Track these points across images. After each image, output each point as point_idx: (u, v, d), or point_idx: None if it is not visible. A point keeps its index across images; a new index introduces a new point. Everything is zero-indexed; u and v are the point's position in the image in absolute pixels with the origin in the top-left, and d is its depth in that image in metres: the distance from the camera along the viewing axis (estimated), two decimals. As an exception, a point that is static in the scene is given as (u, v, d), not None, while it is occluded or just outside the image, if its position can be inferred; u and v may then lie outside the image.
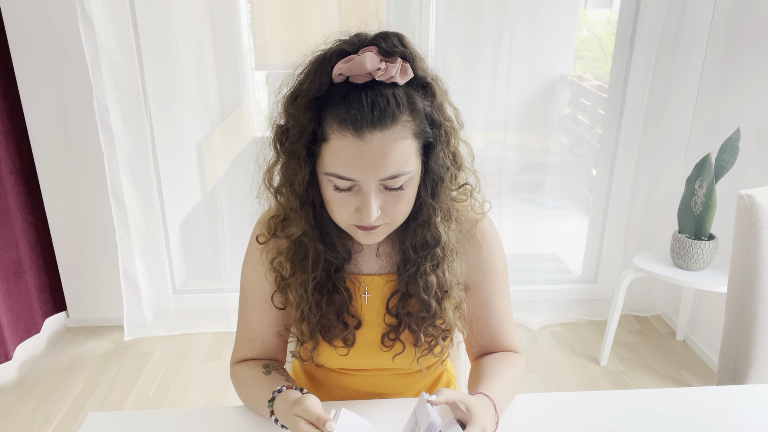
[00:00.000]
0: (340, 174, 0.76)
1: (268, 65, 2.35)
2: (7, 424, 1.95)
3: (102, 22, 2.08)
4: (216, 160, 2.44)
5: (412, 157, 0.78)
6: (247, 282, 0.98)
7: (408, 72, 0.76)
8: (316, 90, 0.76)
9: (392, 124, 0.74)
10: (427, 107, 0.79)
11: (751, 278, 1.16)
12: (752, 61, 2.04)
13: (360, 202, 0.79)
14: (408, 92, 0.77)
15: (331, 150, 0.76)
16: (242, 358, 1.00)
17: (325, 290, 0.90)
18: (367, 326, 0.94)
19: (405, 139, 0.76)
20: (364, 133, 0.73)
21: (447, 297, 0.91)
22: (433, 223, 0.87)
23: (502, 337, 0.98)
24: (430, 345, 0.92)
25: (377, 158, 0.74)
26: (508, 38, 2.23)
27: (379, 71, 0.74)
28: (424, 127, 0.79)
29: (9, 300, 2.18)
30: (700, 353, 2.34)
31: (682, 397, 0.94)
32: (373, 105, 0.73)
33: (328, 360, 0.96)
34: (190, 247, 2.64)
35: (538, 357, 2.33)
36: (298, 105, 0.78)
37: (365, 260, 0.95)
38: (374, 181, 0.77)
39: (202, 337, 2.48)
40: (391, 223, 0.83)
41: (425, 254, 0.88)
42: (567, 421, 0.89)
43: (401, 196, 0.80)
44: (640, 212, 2.48)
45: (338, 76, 0.75)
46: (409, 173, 0.78)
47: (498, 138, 2.38)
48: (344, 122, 0.74)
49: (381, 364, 0.95)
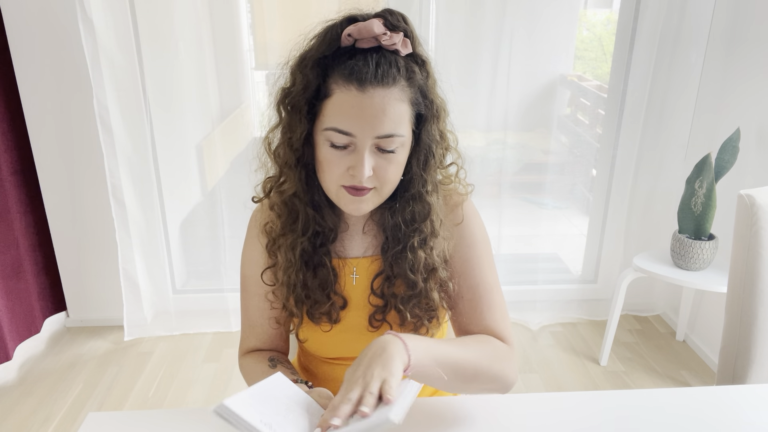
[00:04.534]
0: (340, 127, 0.80)
1: (268, 65, 2.35)
2: (7, 424, 1.95)
3: (102, 22, 2.08)
4: (216, 160, 2.44)
5: (406, 122, 0.83)
6: (244, 269, 1.01)
7: (408, 46, 0.83)
8: (325, 50, 0.82)
9: (393, 85, 0.80)
10: (422, 81, 0.84)
11: (751, 278, 1.16)
12: (752, 61, 2.04)
13: (354, 160, 0.81)
14: (407, 62, 0.83)
15: (334, 104, 0.80)
16: (248, 348, 1.03)
17: (311, 264, 0.93)
18: (354, 308, 0.96)
19: (402, 102, 0.81)
20: (367, 88, 0.78)
21: (433, 276, 0.92)
22: (424, 195, 0.89)
23: (482, 314, 0.93)
24: (416, 326, 0.93)
25: (377, 113, 0.79)
26: (508, 38, 2.23)
27: (384, 36, 0.80)
28: (419, 97, 0.84)
29: (9, 300, 2.18)
30: (700, 353, 2.34)
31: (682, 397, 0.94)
32: (377, 64, 0.79)
33: (312, 336, 0.97)
34: (190, 247, 2.64)
35: (538, 357, 2.33)
36: (305, 64, 0.83)
37: (351, 242, 0.97)
38: (371, 137, 0.80)
39: (202, 337, 2.48)
40: (379, 189, 0.85)
41: (414, 228, 0.90)
42: (567, 421, 0.89)
43: (393, 160, 0.83)
44: (640, 212, 2.48)
45: (346, 38, 0.81)
46: (403, 137, 0.82)
47: (498, 138, 2.38)
48: (350, 76, 0.79)
49: None
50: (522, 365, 2.28)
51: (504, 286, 1.09)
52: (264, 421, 0.68)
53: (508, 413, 0.90)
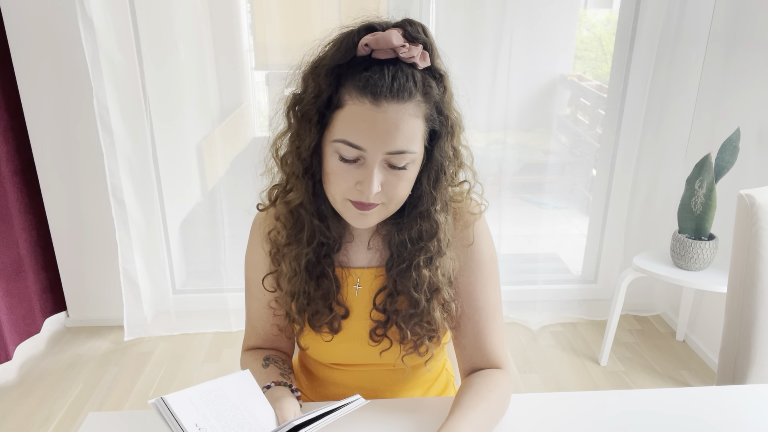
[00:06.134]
0: (351, 141, 0.78)
1: (268, 65, 2.35)
2: (7, 424, 1.95)
3: (102, 22, 2.08)
4: (216, 160, 2.44)
5: (419, 139, 0.80)
6: (247, 271, 1.01)
7: (426, 59, 0.80)
8: (340, 58, 0.79)
9: (408, 100, 0.77)
10: (438, 96, 0.82)
11: (751, 278, 1.16)
12: (752, 61, 2.04)
13: (363, 175, 0.79)
14: (424, 76, 0.80)
15: (346, 116, 0.78)
16: (249, 345, 1.04)
17: (314, 274, 0.92)
18: (356, 318, 0.95)
19: (417, 118, 0.78)
20: (382, 102, 0.76)
21: (436, 296, 0.91)
22: (432, 213, 0.87)
23: (484, 338, 0.94)
24: (416, 344, 0.92)
25: (390, 129, 0.77)
26: (508, 38, 2.23)
27: (403, 48, 0.77)
28: (434, 113, 0.81)
29: (9, 300, 2.17)
30: (700, 353, 2.34)
31: (682, 397, 0.94)
32: (393, 77, 0.76)
33: (314, 344, 0.97)
34: (190, 247, 2.64)
35: (538, 357, 2.33)
36: (318, 72, 0.81)
37: (356, 253, 0.96)
38: (382, 153, 0.78)
39: (202, 337, 2.48)
40: (387, 205, 0.84)
41: (420, 247, 0.89)
42: (567, 421, 0.89)
43: (403, 176, 0.81)
44: (640, 212, 2.48)
45: (363, 48, 0.78)
46: (415, 154, 0.80)
47: (498, 138, 2.38)
48: (364, 89, 0.76)
49: (370, 358, 0.96)
50: (522, 365, 2.28)
51: (504, 286, 1.10)
52: (199, 426, 0.66)
53: (508, 413, 0.90)
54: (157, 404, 0.65)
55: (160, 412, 0.65)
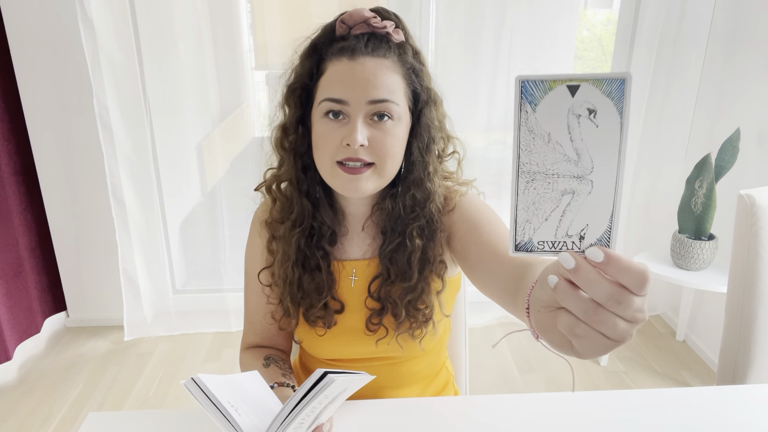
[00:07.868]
0: (333, 96, 0.81)
1: (268, 65, 2.35)
2: (7, 424, 1.95)
3: (102, 22, 2.08)
4: (216, 160, 2.44)
5: (400, 93, 0.83)
6: (246, 264, 1.02)
7: (400, 35, 0.86)
8: (319, 37, 0.86)
9: (384, 57, 0.82)
10: (415, 63, 0.86)
11: (751, 278, 1.16)
12: (752, 61, 2.04)
13: (348, 130, 0.81)
14: (399, 45, 0.85)
15: (327, 78, 0.83)
16: (248, 343, 1.04)
17: (308, 266, 0.93)
18: (351, 311, 0.95)
19: (394, 72, 0.83)
20: (358, 56, 0.81)
21: (428, 268, 0.90)
22: (425, 180, 0.89)
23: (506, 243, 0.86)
24: (411, 326, 0.92)
25: (368, 77, 0.80)
26: (508, 38, 2.23)
27: (375, 19, 0.83)
28: (411, 75, 0.85)
29: (9, 300, 2.18)
30: (700, 353, 2.34)
31: (682, 397, 0.94)
32: (368, 40, 0.83)
33: (308, 338, 0.97)
34: (190, 247, 2.64)
35: (538, 357, 2.33)
36: (302, 54, 0.87)
37: (351, 245, 0.97)
38: (364, 102, 0.80)
39: (202, 337, 2.48)
40: (379, 166, 0.83)
41: (414, 216, 0.89)
42: (567, 421, 0.89)
43: (389, 131, 0.82)
44: (640, 212, 2.48)
45: (340, 25, 0.84)
46: (398, 105, 0.82)
47: (498, 138, 2.38)
48: (342, 51, 0.82)
49: (366, 352, 0.96)
50: (522, 365, 2.28)
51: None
52: (231, 404, 0.69)
53: (509, 413, 0.90)
54: (189, 384, 0.67)
55: (191, 391, 0.67)
